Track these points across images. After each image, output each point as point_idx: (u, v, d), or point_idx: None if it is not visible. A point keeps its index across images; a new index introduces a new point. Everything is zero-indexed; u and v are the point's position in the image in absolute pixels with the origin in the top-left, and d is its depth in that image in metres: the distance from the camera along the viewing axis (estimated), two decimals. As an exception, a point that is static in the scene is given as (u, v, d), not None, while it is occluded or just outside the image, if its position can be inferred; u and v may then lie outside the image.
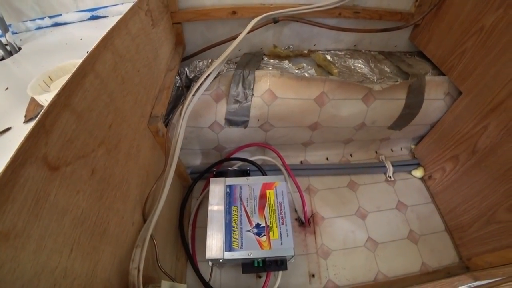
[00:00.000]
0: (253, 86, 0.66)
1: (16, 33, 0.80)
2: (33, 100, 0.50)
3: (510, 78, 0.61)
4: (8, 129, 0.45)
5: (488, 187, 0.69)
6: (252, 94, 0.67)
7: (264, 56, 0.79)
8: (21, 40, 0.76)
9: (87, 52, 0.35)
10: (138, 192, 0.48)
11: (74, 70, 0.31)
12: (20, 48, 0.71)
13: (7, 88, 0.57)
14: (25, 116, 0.46)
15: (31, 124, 0.43)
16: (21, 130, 0.44)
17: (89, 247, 0.32)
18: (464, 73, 0.74)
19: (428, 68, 0.83)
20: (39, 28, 0.85)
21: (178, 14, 0.75)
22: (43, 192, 0.25)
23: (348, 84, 0.69)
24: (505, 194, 0.64)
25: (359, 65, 0.79)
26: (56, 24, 0.86)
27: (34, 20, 0.84)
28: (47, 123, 0.26)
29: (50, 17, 0.84)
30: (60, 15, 0.85)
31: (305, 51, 0.86)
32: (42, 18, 0.84)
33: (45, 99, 0.41)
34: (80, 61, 0.33)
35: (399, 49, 0.96)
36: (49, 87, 0.46)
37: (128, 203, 0.44)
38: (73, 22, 0.85)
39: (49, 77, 0.45)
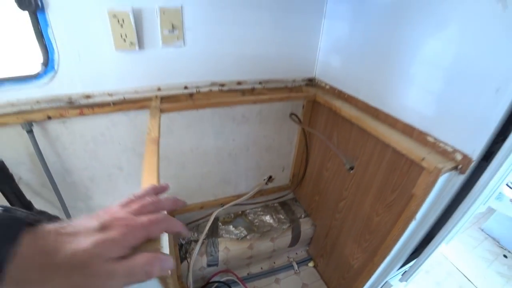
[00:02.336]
0: (218, 246, 1.43)
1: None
2: None
3: (329, 226, 1.49)
4: None
5: (334, 271, 1.52)
6: (218, 250, 1.43)
7: (219, 223, 1.58)
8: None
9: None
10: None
11: None
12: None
13: None
14: None
15: None
16: None
17: None
18: (314, 218, 1.61)
19: (302, 211, 1.71)
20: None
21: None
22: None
23: (263, 236, 1.51)
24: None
25: (268, 218, 1.63)
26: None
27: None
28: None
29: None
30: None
31: (239, 212, 1.68)
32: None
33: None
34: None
35: (292, 196, 1.84)
36: None
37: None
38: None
39: None
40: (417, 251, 1.08)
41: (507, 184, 2.06)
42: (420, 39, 0.83)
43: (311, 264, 1.71)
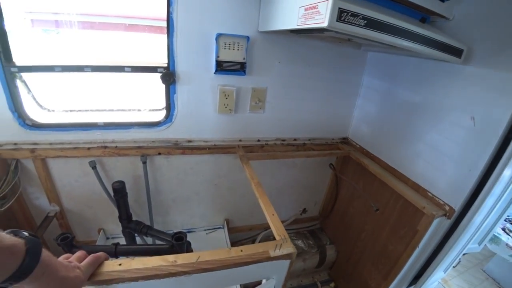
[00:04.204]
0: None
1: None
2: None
3: (351, 252, 1.96)
4: None
5: (353, 291, 1.96)
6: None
7: None
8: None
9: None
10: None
11: None
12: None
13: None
14: None
15: None
16: None
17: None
18: (338, 245, 2.09)
19: (327, 239, 2.18)
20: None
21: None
22: None
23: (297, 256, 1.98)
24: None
25: (300, 243, 2.10)
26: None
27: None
28: None
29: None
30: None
31: None
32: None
33: None
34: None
35: (318, 226, 2.32)
36: None
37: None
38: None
39: None
40: (418, 278, 1.54)
41: (503, 229, 2.53)
42: (425, 129, 1.37)
43: (332, 284, 2.15)
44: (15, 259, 0.48)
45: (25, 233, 0.54)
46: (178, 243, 1.35)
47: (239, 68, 1.47)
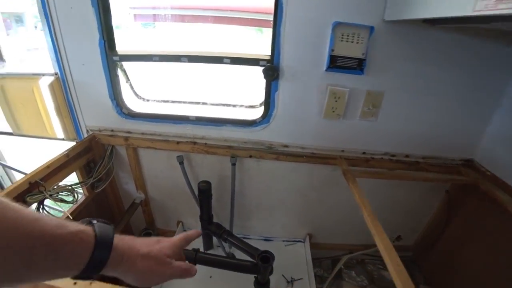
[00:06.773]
0: (347, 290, 1.63)
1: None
2: None
3: None
4: None
5: None
6: None
7: (342, 266, 1.77)
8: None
9: None
10: None
11: None
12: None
13: None
14: None
15: None
16: None
17: None
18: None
19: (422, 277, 1.80)
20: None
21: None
22: None
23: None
24: None
25: (387, 275, 1.76)
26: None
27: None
28: None
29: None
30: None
31: (359, 259, 1.86)
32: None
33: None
34: None
35: (410, 258, 1.95)
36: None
37: None
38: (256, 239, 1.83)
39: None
40: None
41: None
42: None
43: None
44: (85, 245, 0.40)
45: (94, 221, 0.46)
46: (264, 265, 1.16)
47: (356, 66, 1.21)
